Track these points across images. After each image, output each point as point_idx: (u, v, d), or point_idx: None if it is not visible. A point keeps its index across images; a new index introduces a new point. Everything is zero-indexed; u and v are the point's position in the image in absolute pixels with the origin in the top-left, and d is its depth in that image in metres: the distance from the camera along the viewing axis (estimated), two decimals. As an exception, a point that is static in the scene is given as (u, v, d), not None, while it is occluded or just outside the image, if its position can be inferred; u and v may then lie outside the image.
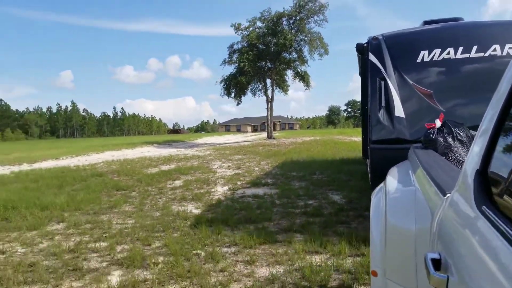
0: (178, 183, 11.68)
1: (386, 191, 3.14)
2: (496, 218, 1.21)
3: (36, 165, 19.52)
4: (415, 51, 7.22)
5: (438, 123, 5.02)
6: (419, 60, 7.22)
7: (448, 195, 1.88)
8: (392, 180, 3.45)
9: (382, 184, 3.48)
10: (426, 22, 8.36)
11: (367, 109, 7.44)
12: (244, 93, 39.70)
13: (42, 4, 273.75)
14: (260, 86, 40.56)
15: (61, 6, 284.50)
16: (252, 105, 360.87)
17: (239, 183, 11.24)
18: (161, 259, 5.07)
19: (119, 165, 17.39)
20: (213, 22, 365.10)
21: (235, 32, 38.83)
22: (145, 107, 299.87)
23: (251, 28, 38.13)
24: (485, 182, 1.48)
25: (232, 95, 39.76)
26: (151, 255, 5.19)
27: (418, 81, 7.07)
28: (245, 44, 37.93)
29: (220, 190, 10.17)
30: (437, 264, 1.54)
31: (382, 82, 7.13)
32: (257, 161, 17.21)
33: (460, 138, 4.87)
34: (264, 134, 52.73)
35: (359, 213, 7.11)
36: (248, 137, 50.92)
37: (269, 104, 40.41)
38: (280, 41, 36.20)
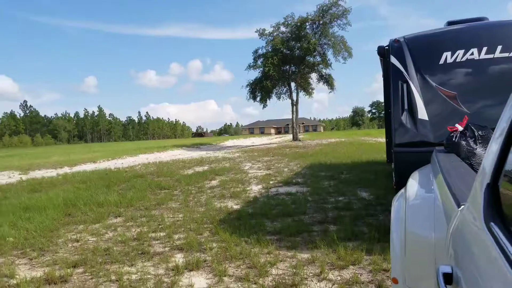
0: (214, 182, 12.52)
1: (407, 197, 3.13)
2: (503, 238, 1.16)
3: (77, 168, 20.67)
4: (437, 52, 7.23)
5: (460, 127, 4.96)
6: (441, 61, 7.22)
7: (462, 206, 1.83)
8: (412, 186, 3.44)
9: (403, 190, 3.46)
10: (450, 23, 8.24)
11: (390, 112, 7.48)
12: (270, 97, 40.37)
13: (67, 12, 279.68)
14: (285, 89, 41.27)
15: (86, 13, 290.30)
16: (274, 107, 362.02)
17: (271, 182, 12.00)
18: (214, 244, 5.88)
19: (156, 167, 18.34)
20: (233, 25, 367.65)
21: (260, 38, 39.73)
22: (168, 111, 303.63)
23: (275, 34, 38.90)
24: (495, 197, 1.43)
25: (258, 98, 40.56)
26: (205, 242, 6.00)
27: (442, 83, 7.08)
28: (270, 49, 38.70)
29: (255, 189, 10.93)
30: (449, 277, 1.53)
31: (405, 85, 7.14)
32: (285, 162, 17.96)
33: (484, 141, 4.61)
34: (288, 136, 53.46)
35: (386, 207, 7.74)
36: (273, 139, 51.64)
37: (294, 107, 41.07)
38: (304, 46, 36.92)
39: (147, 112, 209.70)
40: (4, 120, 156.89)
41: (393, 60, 7.35)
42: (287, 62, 39.06)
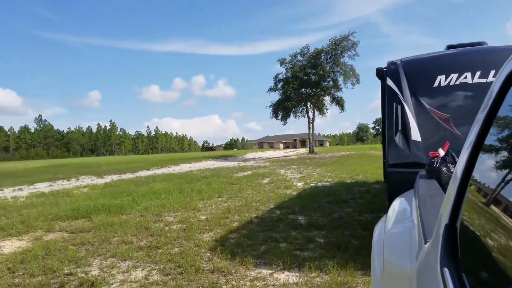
0: (266, 181, 16.68)
1: (386, 223, 3.09)
2: (452, 287, 1.08)
3: (144, 173, 24.92)
4: (432, 75, 7.18)
5: (441, 152, 4.82)
6: (436, 84, 7.20)
7: (428, 243, 1.68)
8: (392, 213, 3.37)
9: (384, 216, 3.42)
10: (449, 47, 8.13)
11: (385, 133, 7.61)
12: (289, 116, 45.31)
13: (74, 27, 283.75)
14: (300, 109, 46.07)
15: (92, 29, 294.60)
16: (276, 123, 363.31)
17: (308, 181, 16.12)
18: (296, 208, 10.00)
19: (210, 172, 22.52)
20: (237, 43, 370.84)
21: (280, 66, 45.58)
22: (172, 126, 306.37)
23: (293, 62, 44.30)
24: (451, 239, 1.31)
25: (279, 117, 45.69)
26: (288, 206, 10.12)
27: (435, 106, 7.09)
28: (289, 75, 43.92)
29: (299, 184, 15.05)
30: None
31: (399, 106, 7.13)
32: (311, 169, 22.13)
33: None
34: (300, 150, 57.96)
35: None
36: (288, 153, 55.91)
37: (310, 125, 46.01)
38: (320, 73, 42.21)
39: (156, 127, 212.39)
40: (20, 134, 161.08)
41: (389, 81, 7.30)
42: (304, 86, 43.97)
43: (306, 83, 44.01)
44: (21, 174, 29.79)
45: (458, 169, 1.41)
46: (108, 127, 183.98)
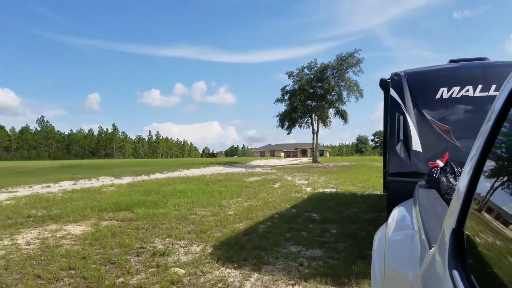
0: (277, 185, 18.09)
1: (387, 231, 3.10)
2: None
3: (156, 176, 26.34)
4: (434, 87, 7.27)
5: (440, 163, 4.94)
6: (438, 96, 7.27)
7: (433, 248, 1.74)
8: (393, 220, 3.40)
9: (384, 224, 3.45)
10: (452, 61, 8.16)
11: (387, 143, 7.75)
12: (295, 126, 47.06)
13: (77, 29, 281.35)
14: (306, 120, 47.80)
15: (96, 31, 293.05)
16: (276, 132, 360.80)
17: (315, 186, 17.53)
18: (309, 208, 11.40)
19: (223, 176, 23.92)
20: (240, 51, 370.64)
21: (288, 78, 47.67)
22: (171, 131, 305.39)
23: (300, 75, 46.32)
24: (459, 243, 1.36)
25: (285, 127, 47.82)
26: (302, 206, 11.52)
27: (437, 117, 7.21)
28: (297, 87, 45.93)
29: (308, 189, 16.44)
30: None
31: (401, 117, 7.22)
32: (317, 177, 23.56)
33: None
34: (302, 159, 59.63)
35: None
36: (292, 161, 57.33)
37: (315, 135, 47.93)
38: (325, 86, 44.02)
39: (157, 132, 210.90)
40: (21, 135, 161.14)
41: (392, 92, 7.44)
42: (310, 98, 45.86)
43: (312, 96, 45.85)
44: (38, 173, 31.21)
45: (465, 177, 1.45)
46: (110, 130, 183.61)
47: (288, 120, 47.41)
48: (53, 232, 8.22)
